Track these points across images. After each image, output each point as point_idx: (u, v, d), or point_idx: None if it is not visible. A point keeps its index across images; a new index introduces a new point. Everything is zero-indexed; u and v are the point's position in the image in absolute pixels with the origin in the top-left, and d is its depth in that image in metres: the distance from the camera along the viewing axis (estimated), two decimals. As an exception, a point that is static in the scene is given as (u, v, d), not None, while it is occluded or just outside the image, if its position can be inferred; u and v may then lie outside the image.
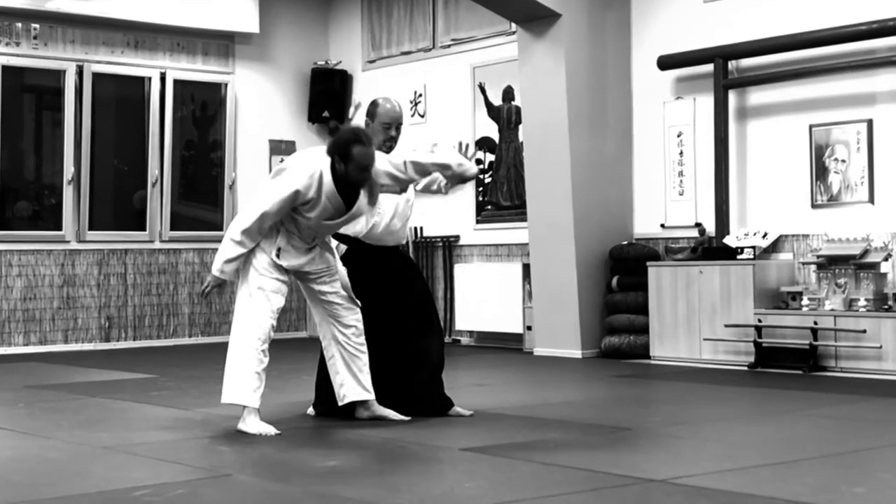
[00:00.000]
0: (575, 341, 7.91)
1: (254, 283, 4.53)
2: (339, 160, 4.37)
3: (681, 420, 4.91)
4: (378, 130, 4.86)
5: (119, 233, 9.35)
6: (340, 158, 4.37)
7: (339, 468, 3.81)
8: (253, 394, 4.45)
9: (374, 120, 4.89)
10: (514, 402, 5.49)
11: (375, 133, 4.86)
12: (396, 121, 4.89)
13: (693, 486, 3.43)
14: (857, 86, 7.05)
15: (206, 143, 9.88)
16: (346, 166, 4.36)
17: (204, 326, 9.76)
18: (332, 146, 4.40)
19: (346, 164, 4.36)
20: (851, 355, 6.63)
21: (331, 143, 4.41)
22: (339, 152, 4.37)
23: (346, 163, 4.36)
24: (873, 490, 3.44)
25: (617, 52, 8.18)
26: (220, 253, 4.55)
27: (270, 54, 10.19)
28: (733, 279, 7.17)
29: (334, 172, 4.38)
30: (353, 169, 4.37)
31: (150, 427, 4.81)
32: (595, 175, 8.03)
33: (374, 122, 4.89)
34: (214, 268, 4.54)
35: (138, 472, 3.74)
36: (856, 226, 6.95)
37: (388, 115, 4.88)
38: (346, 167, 4.36)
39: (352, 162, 4.36)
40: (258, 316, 4.49)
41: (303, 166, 4.43)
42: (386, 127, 4.88)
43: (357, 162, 4.36)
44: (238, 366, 4.46)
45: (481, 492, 3.43)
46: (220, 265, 4.52)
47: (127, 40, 9.43)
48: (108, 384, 6.49)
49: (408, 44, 9.76)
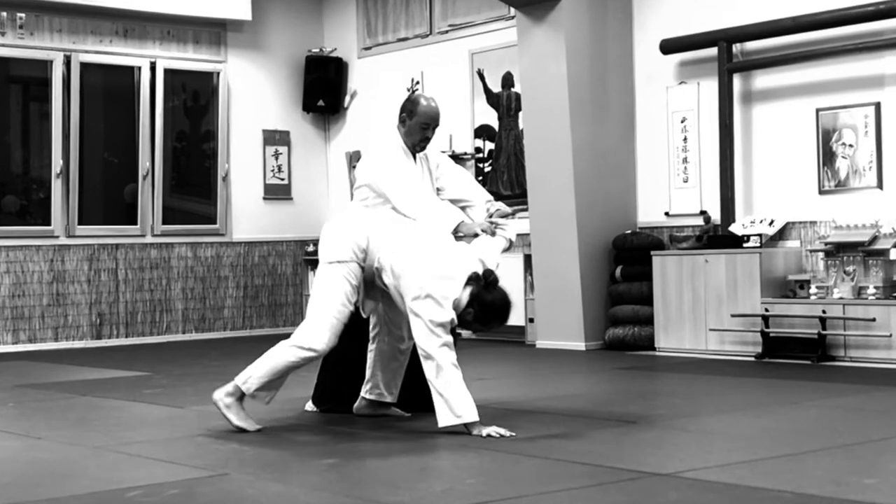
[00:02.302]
0: (578, 333, 7.84)
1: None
2: (475, 316, 4.33)
3: (687, 412, 4.87)
4: (415, 129, 4.73)
5: (109, 227, 9.27)
6: (476, 316, 4.34)
7: (337, 465, 3.79)
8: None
9: (411, 118, 4.73)
10: (517, 396, 5.46)
11: (411, 132, 4.74)
12: (435, 121, 4.77)
13: (700, 479, 3.40)
14: (864, 68, 6.98)
15: (198, 134, 9.80)
16: (472, 322, 4.36)
17: (198, 323, 9.69)
18: (477, 301, 4.32)
19: (474, 321, 4.36)
20: (861, 344, 6.56)
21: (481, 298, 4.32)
22: (480, 314, 4.34)
23: (476, 321, 4.35)
24: (884, 481, 3.40)
25: (618, 37, 8.09)
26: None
27: (263, 42, 10.09)
28: (739, 268, 7.09)
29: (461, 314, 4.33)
30: (476, 327, 4.42)
31: (143, 426, 4.78)
32: (597, 163, 7.95)
33: (411, 119, 4.73)
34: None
35: (131, 472, 3.70)
36: (864, 212, 6.89)
37: (428, 115, 4.73)
38: (472, 323, 4.37)
39: (480, 325, 4.39)
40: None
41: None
42: (424, 127, 4.74)
43: (483, 328, 4.42)
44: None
45: (483, 488, 3.40)
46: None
47: (116, 29, 9.32)
48: (99, 382, 6.46)
49: (404, 30, 9.67)
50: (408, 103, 4.77)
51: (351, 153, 10.05)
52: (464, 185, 4.87)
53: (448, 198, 4.85)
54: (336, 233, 4.51)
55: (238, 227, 9.88)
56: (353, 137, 10.13)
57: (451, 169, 4.90)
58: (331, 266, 4.42)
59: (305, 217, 10.23)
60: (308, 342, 4.36)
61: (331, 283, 4.41)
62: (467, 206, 4.85)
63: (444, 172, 4.86)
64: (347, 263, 4.42)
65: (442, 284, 4.25)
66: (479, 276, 4.33)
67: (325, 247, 4.50)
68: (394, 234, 4.45)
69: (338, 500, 3.26)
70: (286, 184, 10.20)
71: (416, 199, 4.58)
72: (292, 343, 4.38)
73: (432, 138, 4.78)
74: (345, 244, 4.44)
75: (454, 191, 4.85)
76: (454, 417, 4.18)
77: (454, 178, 4.87)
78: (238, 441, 4.23)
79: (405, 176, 4.65)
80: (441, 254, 4.39)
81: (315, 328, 4.36)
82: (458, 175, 4.90)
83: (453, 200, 4.86)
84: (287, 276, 10.15)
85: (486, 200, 4.81)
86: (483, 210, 4.78)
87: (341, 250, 4.43)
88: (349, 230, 4.48)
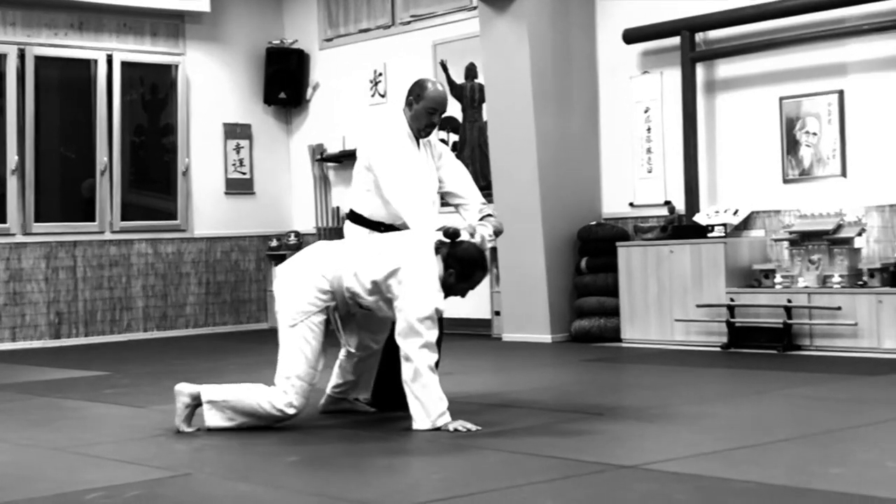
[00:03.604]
0: (544, 326, 7.82)
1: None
2: (457, 275, 4.29)
3: (653, 404, 4.88)
4: (421, 114, 4.68)
5: (67, 224, 9.14)
6: (457, 275, 4.29)
7: (302, 463, 3.76)
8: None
9: (418, 102, 4.69)
10: (483, 390, 5.45)
11: (417, 116, 4.70)
12: (442, 106, 4.72)
13: (666, 471, 3.41)
14: (827, 56, 7.00)
15: (157, 128, 9.68)
16: (456, 283, 4.31)
17: (159, 320, 9.58)
18: (453, 258, 4.28)
19: (458, 282, 4.31)
20: (826, 333, 6.57)
21: (454, 254, 4.28)
22: (460, 269, 4.28)
23: (460, 280, 4.31)
24: (850, 470, 3.40)
25: (581, 26, 8.07)
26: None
27: (223, 34, 9.97)
28: (704, 258, 7.10)
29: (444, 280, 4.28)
30: (461, 289, 4.34)
31: (103, 426, 4.73)
32: (561, 154, 7.92)
33: (417, 104, 4.68)
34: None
35: (91, 474, 3.65)
36: (828, 200, 6.91)
37: (435, 100, 4.69)
38: (456, 284, 4.31)
39: (466, 283, 4.32)
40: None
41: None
42: (430, 112, 4.69)
43: (470, 285, 4.35)
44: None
45: (449, 483, 3.39)
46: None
47: (71, 21, 9.17)
48: (58, 383, 6.39)
49: (366, 21, 9.60)
50: (415, 87, 4.73)
51: (314, 146, 9.97)
52: (462, 182, 4.84)
53: (445, 191, 4.83)
54: (290, 290, 4.34)
55: (199, 223, 9.77)
56: (315, 130, 10.04)
57: (452, 163, 4.87)
58: (292, 329, 4.30)
59: (268, 211, 10.14)
60: (280, 405, 4.29)
61: (294, 346, 4.28)
62: (462, 204, 4.82)
63: (444, 164, 4.83)
64: (309, 318, 4.28)
65: (418, 269, 4.19)
66: (442, 240, 4.30)
67: (281, 308, 4.34)
68: (345, 256, 4.33)
69: (303, 499, 3.24)
70: (248, 178, 10.09)
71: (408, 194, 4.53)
72: (268, 398, 4.30)
73: (438, 124, 4.75)
74: (302, 299, 4.29)
75: (452, 185, 4.82)
76: (429, 422, 4.17)
77: (454, 173, 4.84)
78: (201, 441, 4.20)
79: (407, 166, 4.59)
80: (398, 243, 4.33)
81: (286, 393, 4.28)
82: (458, 171, 4.87)
83: (449, 195, 4.83)
84: (250, 272, 10.05)
85: (480, 202, 4.79)
86: (476, 213, 4.75)
87: (299, 307, 4.29)
88: (304, 281, 4.32)
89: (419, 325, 4.14)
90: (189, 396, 4.36)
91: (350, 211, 4.83)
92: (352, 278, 4.27)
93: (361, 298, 4.28)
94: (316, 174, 9.97)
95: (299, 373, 4.26)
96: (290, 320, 4.30)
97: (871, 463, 3.52)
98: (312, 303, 4.29)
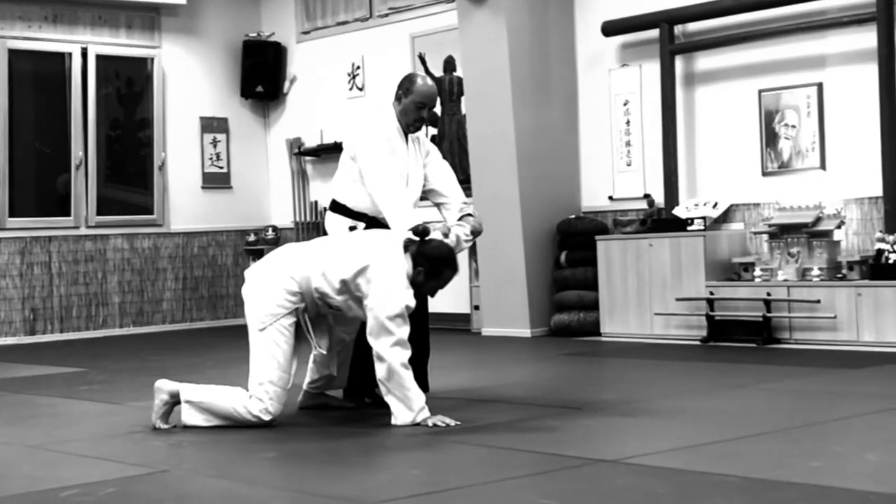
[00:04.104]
0: (523, 320, 7.80)
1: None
2: (426, 274, 4.23)
3: (632, 398, 4.88)
4: (410, 109, 4.65)
5: (42, 219, 9.07)
6: (426, 273, 4.23)
7: (280, 459, 3.75)
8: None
9: (407, 96, 4.65)
10: (462, 385, 5.43)
11: (406, 111, 4.66)
12: (431, 101, 4.68)
13: (645, 465, 3.40)
14: (806, 48, 7.00)
15: (132, 122, 9.60)
16: (425, 281, 4.26)
17: (135, 316, 9.52)
18: (421, 256, 4.22)
19: (427, 280, 4.25)
20: (805, 326, 6.58)
21: (422, 252, 4.22)
22: (428, 267, 4.23)
23: (428, 278, 4.25)
24: (829, 464, 3.40)
25: (560, 19, 8.04)
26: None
27: (199, 27, 9.89)
28: (684, 251, 7.09)
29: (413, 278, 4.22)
30: (430, 287, 4.29)
31: (78, 423, 4.70)
32: (540, 147, 7.90)
33: (406, 98, 4.65)
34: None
35: (66, 471, 3.63)
36: (807, 193, 6.91)
37: (424, 95, 4.65)
38: (426, 283, 4.26)
39: (435, 281, 4.27)
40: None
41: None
42: (419, 106, 4.65)
43: (439, 284, 4.29)
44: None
45: (428, 478, 3.39)
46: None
47: (45, 14, 9.09)
48: (33, 380, 6.35)
49: (343, 13, 9.55)
50: (405, 81, 4.70)
51: (292, 140, 9.90)
52: (446, 181, 4.81)
53: (429, 188, 4.79)
54: (258, 293, 4.30)
55: (176, 218, 9.70)
56: (293, 124, 9.98)
57: (438, 161, 4.85)
58: (261, 333, 4.26)
59: (245, 206, 10.08)
60: (255, 412, 4.25)
61: (265, 351, 4.25)
62: (443, 203, 4.80)
63: (431, 161, 4.81)
64: (278, 321, 4.23)
65: (386, 267, 4.16)
66: (411, 238, 4.26)
67: (250, 312, 4.30)
68: (313, 257, 4.28)
69: (281, 495, 3.22)
70: (225, 172, 10.02)
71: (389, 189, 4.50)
72: (244, 404, 4.26)
73: (427, 119, 4.71)
74: (270, 302, 4.25)
75: (435, 183, 4.80)
76: (409, 418, 4.14)
77: (439, 171, 4.82)
78: (177, 437, 4.18)
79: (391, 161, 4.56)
80: (367, 242, 4.30)
81: (262, 400, 4.25)
82: (443, 170, 4.85)
83: (432, 192, 4.80)
84: (227, 267, 9.98)
85: (461, 202, 4.77)
86: (456, 213, 4.73)
87: (268, 310, 4.24)
88: (272, 283, 4.27)
89: (390, 324, 4.10)
90: (168, 394, 4.33)
91: (333, 201, 4.79)
92: (320, 278, 4.22)
93: (331, 298, 4.24)
94: (294, 168, 9.91)
95: (272, 378, 4.23)
96: (258, 324, 4.26)
97: (850, 456, 3.53)
98: (281, 305, 4.24)
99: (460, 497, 3.11)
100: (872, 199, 6.71)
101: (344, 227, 4.69)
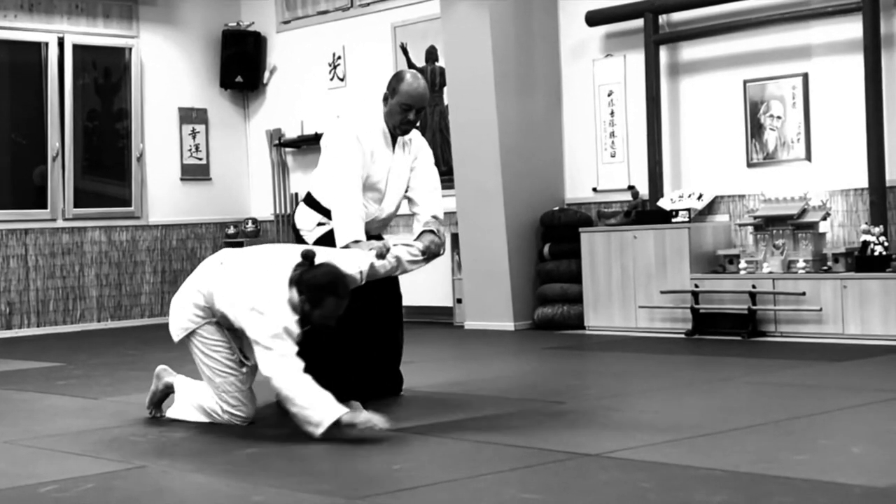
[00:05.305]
0: (507, 313, 7.76)
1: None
2: (307, 302, 3.99)
3: (616, 392, 4.88)
4: (395, 110, 4.43)
5: (18, 211, 8.98)
6: (308, 301, 3.99)
7: (259, 455, 3.72)
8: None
9: (392, 97, 4.43)
10: (445, 379, 5.42)
11: (391, 112, 4.44)
12: (419, 102, 4.42)
13: (629, 459, 3.40)
14: (791, 38, 6.97)
15: (110, 113, 9.50)
16: (311, 310, 4.01)
17: (113, 310, 9.42)
18: (303, 284, 3.99)
19: (311, 308, 4.01)
20: (791, 319, 6.56)
21: (303, 279, 3.99)
22: (309, 295, 3.99)
23: (312, 307, 4.00)
24: (815, 457, 3.40)
25: (544, 8, 7.99)
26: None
27: (177, 16, 9.79)
28: (668, 244, 7.06)
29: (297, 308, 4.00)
30: (318, 316, 4.02)
31: (56, 418, 4.67)
32: (524, 138, 7.86)
33: (392, 99, 4.43)
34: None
35: (44, 467, 3.63)
36: (793, 184, 6.88)
37: (410, 96, 4.40)
38: (311, 311, 4.01)
39: (319, 310, 4.01)
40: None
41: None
42: (405, 108, 4.42)
43: (324, 312, 4.01)
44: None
45: (411, 473, 3.39)
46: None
47: (20, 3, 8.98)
48: (9, 374, 6.30)
49: (324, 3, 9.49)
50: (392, 79, 4.49)
51: (272, 131, 9.82)
52: (423, 191, 4.63)
53: (408, 195, 4.66)
54: (173, 307, 4.31)
55: (154, 210, 9.61)
56: (273, 115, 9.90)
57: (422, 168, 4.66)
58: (190, 344, 4.24)
59: (225, 198, 10.00)
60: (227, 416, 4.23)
61: (198, 363, 4.24)
62: (415, 213, 4.66)
63: (416, 167, 4.64)
64: (197, 332, 4.19)
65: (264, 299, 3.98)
66: (300, 262, 4.06)
67: (171, 328, 4.30)
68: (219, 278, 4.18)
69: (260, 490, 3.19)
70: (204, 164, 9.93)
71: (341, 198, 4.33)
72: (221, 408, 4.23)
73: (416, 122, 4.49)
74: (182, 316, 4.22)
75: (412, 192, 4.66)
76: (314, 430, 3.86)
77: (420, 179, 4.64)
78: (156, 432, 4.18)
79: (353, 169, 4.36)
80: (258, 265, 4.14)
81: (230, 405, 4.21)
82: (424, 179, 4.65)
83: (409, 200, 4.67)
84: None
85: (431, 215, 4.56)
86: (419, 227, 4.57)
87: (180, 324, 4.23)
88: (182, 301, 4.25)
89: (270, 342, 3.92)
90: (164, 384, 4.40)
91: (307, 194, 4.69)
92: (221, 300, 4.15)
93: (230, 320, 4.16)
94: (274, 159, 9.83)
95: (217, 384, 4.22)
96: (175, 337, 4.27)
97: (835, 449, 3.53)
98: (192, 319, 4.22)
99: (443, 492, 3.09)
100: (858, 190, 6.69)
101: (313, 221, 4.58)
